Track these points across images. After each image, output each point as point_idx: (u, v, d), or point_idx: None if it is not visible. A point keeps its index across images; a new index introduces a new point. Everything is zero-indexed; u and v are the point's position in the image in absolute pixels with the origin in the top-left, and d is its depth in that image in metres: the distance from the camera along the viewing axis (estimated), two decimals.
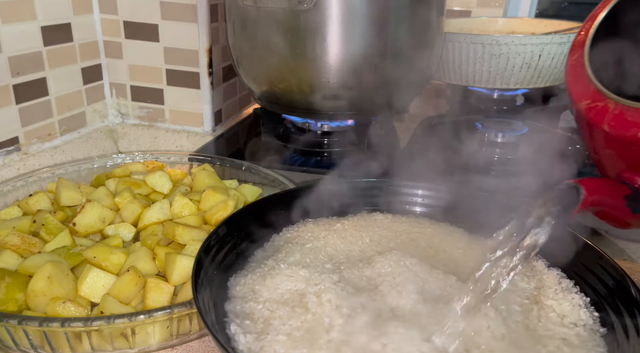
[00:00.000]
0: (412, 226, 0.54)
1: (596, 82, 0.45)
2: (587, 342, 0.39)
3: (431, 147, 0.61)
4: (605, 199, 0.41)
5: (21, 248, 0.53)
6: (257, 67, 0.80)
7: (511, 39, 0.88)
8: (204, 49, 0.87)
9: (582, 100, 0.46)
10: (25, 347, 0.44)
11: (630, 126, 0.40)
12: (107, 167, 0.75)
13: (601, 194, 0.41)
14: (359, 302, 0.41)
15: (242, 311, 0.41)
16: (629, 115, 0.41)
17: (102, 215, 0.59)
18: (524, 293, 0.44)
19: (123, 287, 0.49)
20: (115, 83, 0.93)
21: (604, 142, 0.45)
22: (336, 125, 0.83)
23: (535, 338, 0.39)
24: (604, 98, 0.44)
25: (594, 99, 0.45)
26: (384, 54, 0.74)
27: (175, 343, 0.47)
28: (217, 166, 0.75)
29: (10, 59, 0.73)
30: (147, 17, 0.87)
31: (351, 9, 0.71)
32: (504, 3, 1.15)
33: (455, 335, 0.37)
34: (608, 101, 0.43)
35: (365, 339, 0.37)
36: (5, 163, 0.75)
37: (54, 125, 0.83)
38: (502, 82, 0.94)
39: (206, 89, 0.90)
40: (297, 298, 0.41)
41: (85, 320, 0.42)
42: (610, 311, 0.41)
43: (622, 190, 0.42)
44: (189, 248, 0.53)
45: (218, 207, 0.60)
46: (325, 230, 0.52)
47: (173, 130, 0.94)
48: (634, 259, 0.62)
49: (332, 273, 0.44)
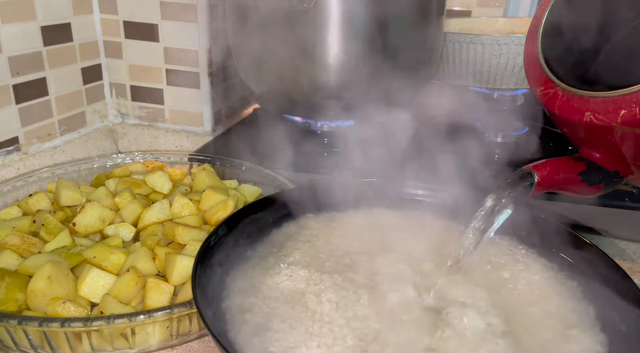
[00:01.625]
0: (413, 221, 0.54)
1: (547, 70, 0.48)
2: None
3: (431, 147, 0.61)
4: (560, 179, 0.45)
5: (21, 248, 0.53)
6: (257, 67, 0.80)
7: (511, 39, 0.88)
8: (204, 49, 0.87)
9: (537, 87, 0.50)
10: (25, 347, 0.44)
11: (576, 111, 0.45)
12: (107, 167, 0.75)
13: (555, 176, 0.45)
14: (360, 301, 0.41)
15: (242, 306, 0.41)
16: (574, 101, 0.45)
17: (102, 215, 0.59)
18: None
19: (123, 287, 0.49)
20: (115, 83, 0.93)
21: (559, 124, 0.49)
22: (336, 125, 0.83)
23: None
24: (553, 85, 0.48)
25: (546, 86, 0.49)
26: (384, 54, 0.74)
27: (175, 343, 0.47)
28: (217, 166, 0.75)
29: (10, 59, 0.73)
30: (147, 17, 0.87)
31: (351, 9, 0.71)
32: (504, 3, 1.15)
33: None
34: (557, 88, 0.47)
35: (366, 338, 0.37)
36: (5, 163, 0.75)
37: (54, 125, 0.83)
38: (502, 82, 0.94)
39: (206, 89, 0.90)
40: (297, 296, 0.42)
41: (85, 320, 0.42)
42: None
43: (578, 168, 0.47)
44: (189, 248, 0.53)
45: (218, 207, 0.60)
46: (325, 226, 0.52)
47: (173, 130, 0.94)
48: (634, 259, 0.62)
49: (332, 272, 0.44)
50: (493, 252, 0.49)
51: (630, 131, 0.41)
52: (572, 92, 0.45)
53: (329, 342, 0.37)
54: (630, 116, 0.40)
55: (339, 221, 0.54)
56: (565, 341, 0.38)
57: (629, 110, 0.40)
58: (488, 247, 0.50)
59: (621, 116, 0.41)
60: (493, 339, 0.38)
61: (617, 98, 0.42)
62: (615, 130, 0.42)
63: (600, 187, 0.47)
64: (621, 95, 0.41)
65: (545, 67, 0.49)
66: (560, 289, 0.44)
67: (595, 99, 0.43)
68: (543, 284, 0.45)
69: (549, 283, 0.45)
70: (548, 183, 0.44)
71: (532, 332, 0.39)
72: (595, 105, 0.43)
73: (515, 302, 0.43)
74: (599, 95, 0.43)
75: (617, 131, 0.42)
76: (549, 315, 0.41)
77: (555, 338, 0.39)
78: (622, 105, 0.41)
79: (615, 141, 0.44)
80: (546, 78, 0.48)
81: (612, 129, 0.42)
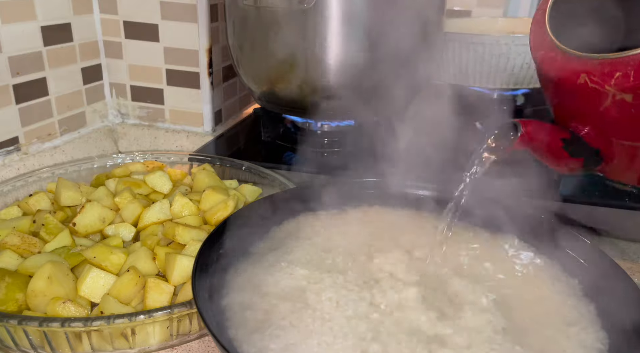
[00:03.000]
0: (413, 219, 0.54)
1: (550, 33, 0.51)
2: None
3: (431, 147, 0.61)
4: (543, 139, 0.47)
5: (21, 248, 0.53)
6: (257, 67, 0.80)
7: (511, 39, 0.88)
8: (204, 49, 0.87)
9: (538, 51, 0.53)
10: (25, 347, 0.44)
11: (572, 73, 0.47)
12: (107, 167, 0.75)
13: (540, 134, 0.47)
14: (360, 299, 0.41)
15: (242, 303, 0.41)
16: (572, 64, 0.48)
17: (102, 215, 0.59)
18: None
19: (123, 287, 0.48)
20: (115, 83, 0.93)
21: (554, 91, 0.52)
22: (336, 125, 0.83)
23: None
24: (554, 49, 0.51)
25: (547, 50, 0.52)
26: (384, 53, 0.74)
27: (175, 343, 0.47)
28: (217, 166, 0.75)
29: (10, 59, 0.73)
30: (147, 17, 0.87)
31: (351, 9, 0.71)
32: (504, 3, 1.15)
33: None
34: (557, 51, 0.50)
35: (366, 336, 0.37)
36: (5, 163, 0.75)
37: (54, 125, 0.83)
38: (502, 82, 0.94)
39: (206, 89, 0.90)
40: (297, 294, 0.42)
41: (85, 320, 0.42)
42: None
43: (562, 134, 0.49)
44: (189, 249, 0.53)
45: (218, 207, 0.60)
46: (325, 224, 0.52)
47: (173, 130, 0.94)
48: (634, 259, 0.62)
49: (332, 270, 0.44)
50: (494, 251, 0.49)
51: (621, 97, 0.43)
52: (571, 54, 0.48)
53: (329, 340, 0.37)
54: (624, 79, 0.42)
55: (339, 219, 0.54)
56: (565, 338, 0.39)
57: (624, 73, 0.42)
58: (489, 246, 0.50)
59: (615, 78, 0.43)
60: (494, 336, 0.38)
61: (613, 60, 0.44)
62: (606, 97, 0.44)
63: (580, 161, 0.50)
64: (618, 58, 0.43)
65: (549, 29, 0.51)
66: (560, 287, 0.44)
67: (592, 61, 0.46)
68: (544, 282, 0.45)
69: (550, 282, 0.45)
70: (531, 139, 0.47)
71: (533, 329, 0.39)
72: (591, 66, 0.46)
73: (516, 300, 0.43)
74: (596, 57, 0.46)
75: (607, 97, 0.44)
76: (550, 313, 0.41)
77: (556, 336, 0.39)
78: (618, 68, 0.43)
79: (603, 112, 0.46)
80: (549, 41, 0.51)
81: (603, 95, 0.44)
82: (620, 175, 0.57)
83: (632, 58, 0.42)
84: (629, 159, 0.51)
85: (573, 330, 0.39)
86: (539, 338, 0.38)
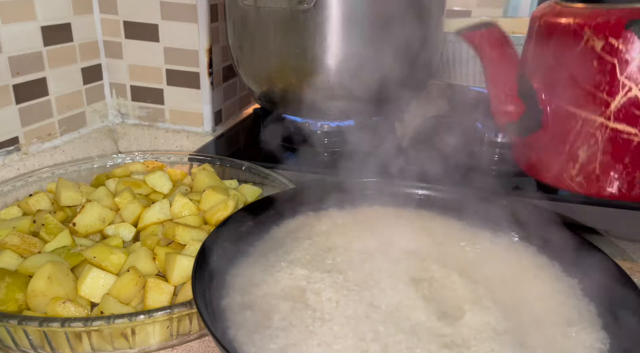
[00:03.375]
0: (413, 219, 0.54)
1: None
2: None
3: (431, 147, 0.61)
4: (503, 51, 0.60)
5: (21, 248, 0.53)
6: (257, 67, 0.80)
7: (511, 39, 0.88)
8: (204, 49, 0.87)
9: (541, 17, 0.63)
10: (25, 347, 0.44)
11: (563, 19, 0.58)
12: (107, 167, 0.75)
13: (504, 44, 0.60)
14: (360, 300, 0.41)
15: (242, 303, 0.41)
16: (564, 13, 0.58)
17: (102, 215, 0.59)
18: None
19: (123, 287, 0.48)
20: (115, 83, 0.93)
21: (538, 37, 0.62)
22: (336, 125, 0.83)
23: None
24: (554, 5, 0.61)
25: (548, 13, 0.61)
26: (384, 53, 0.74)
27: (175, 343, 0.47)
28: (217, 166, 0.75)
29: (10, 59, 0.73)
30: (147, 17, 0.87)
31: (351, 9, 0.71)
32: (504, 3, 1.15)
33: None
34: (556, 6, 0.61)
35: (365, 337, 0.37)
36: (5, 163, 0.75)
37: (54, 125, 0.83)
38: None
39: (206, 89, 0.90)
40: (297, 294, 0.42)
41: (85, 320, 0.42)
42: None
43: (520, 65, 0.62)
44: (189, 249, 0.53)
45: (218, 207, 0.60)
46: (325, 224, 0.52)
47: (173, 130, 0.94)
48: (634, 259, 0.62)
49: (332, 270, 0.44)
50: (494, 250, 0.49)
51: (593, 42, 0.53)
52: (567, 6, 0.59)
53: (329, 341, 0.37)
54: (604, 22, 0.53)
55: (339, 219, 0.54)
56: (566, 338, 0.39)
57: (606, 18, 0.53)
58: (489, 246, 0.50)
59: (597, 20, 0.54)
60: (494, 336, 0.38)
61: (602, 10, 0.54)
62: (580, 39, 0.55)
63: (521, 107, 0.60)
64: (608, 9, 0.54)
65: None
66: (561, 287, 0.44)
67: (584, 10, 0.56)
68: (544, 282, 0.45)
69: (550, 281, 0.45)
70: (495, 39, 0.59)
71: (534, 329, 0.39)
72: (581, 13, 0.56)
73: (516, 300, 0.43)
74: (594, 7, 0.56)
75: (582, 40, 0.55)
76: (550, 313, 0.41)
77: (556, 336, 0.39)
78: (603, 14, 0.54)
79: (569, 62, 0.56)
80: (553, 4, 0.62)
81: (577, 36, 0.55)
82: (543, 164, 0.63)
83: (621, 10, 0.52)
84: (560, 139, 0.59)
85: (573, 330, 0.39)
86: (539, 338, 0.38)
